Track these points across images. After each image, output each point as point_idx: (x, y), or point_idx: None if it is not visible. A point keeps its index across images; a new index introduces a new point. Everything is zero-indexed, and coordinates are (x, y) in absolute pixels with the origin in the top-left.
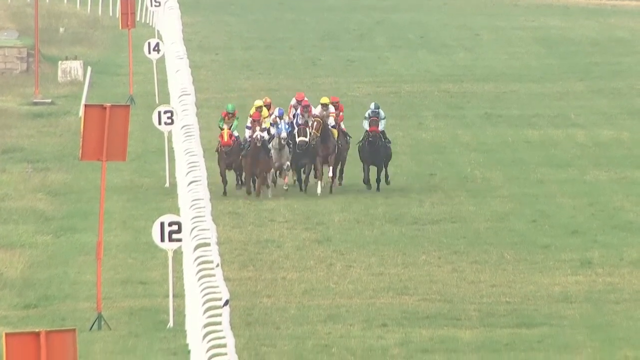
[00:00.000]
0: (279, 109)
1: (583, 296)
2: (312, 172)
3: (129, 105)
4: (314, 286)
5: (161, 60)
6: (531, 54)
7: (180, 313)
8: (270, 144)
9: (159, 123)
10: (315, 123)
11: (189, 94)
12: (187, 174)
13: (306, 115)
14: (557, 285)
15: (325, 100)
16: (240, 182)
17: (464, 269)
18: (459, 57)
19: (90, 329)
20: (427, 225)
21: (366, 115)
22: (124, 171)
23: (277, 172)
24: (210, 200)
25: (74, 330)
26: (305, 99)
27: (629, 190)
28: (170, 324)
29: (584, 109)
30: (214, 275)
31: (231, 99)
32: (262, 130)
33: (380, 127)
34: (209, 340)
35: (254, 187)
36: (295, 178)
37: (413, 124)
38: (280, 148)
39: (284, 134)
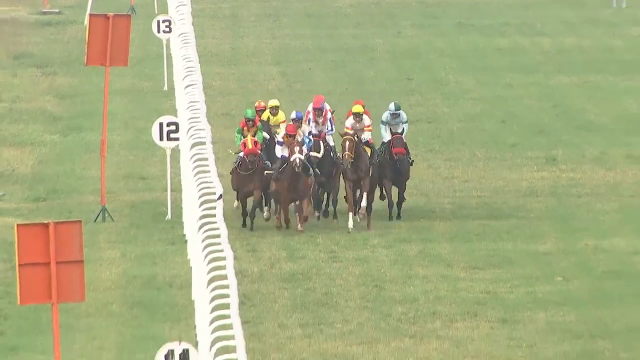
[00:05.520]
0: (297, 112)
1: (548, 191)
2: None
3: (130, 15)
4: None
5: None
6: None
7: (177, 206)
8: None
9: (158, 31)
10: (347, 142)
11: (185, 5)
12: (184, 78)
13: (320, 120)
14: (524, 181)
15: (358, 109)
16: (265, 207)
17: (439, 165)
18: None
19: (95, 220)
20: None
21: (383, 118)
22: (125, 75)
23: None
24: (205, 102)
25: (80, 221)
26: (326, 104)
27: (590, 93)
28: (169, 216)
29: (549, 18)
30: (208, 172)
31: (224, 9)
32: (300, 149)
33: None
34: (204, 231)
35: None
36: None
37: (392, 32)
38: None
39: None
